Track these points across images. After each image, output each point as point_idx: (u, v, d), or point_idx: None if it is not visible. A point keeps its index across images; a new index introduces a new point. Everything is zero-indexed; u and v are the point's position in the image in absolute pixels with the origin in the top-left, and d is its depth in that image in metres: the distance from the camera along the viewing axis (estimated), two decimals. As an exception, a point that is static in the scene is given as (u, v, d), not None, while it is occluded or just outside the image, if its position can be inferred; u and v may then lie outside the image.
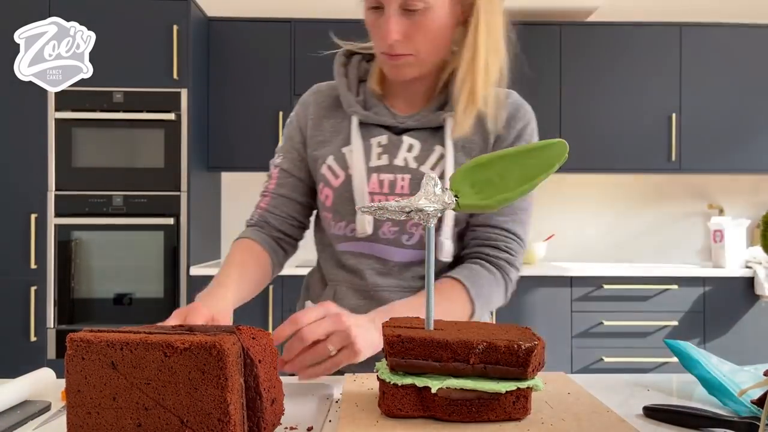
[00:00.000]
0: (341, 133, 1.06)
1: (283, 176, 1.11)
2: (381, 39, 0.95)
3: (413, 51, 0.96)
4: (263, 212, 1.12)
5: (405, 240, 1.02)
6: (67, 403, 0.62)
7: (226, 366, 0.58)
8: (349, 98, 1.05)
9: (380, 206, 0.75)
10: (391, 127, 1.04)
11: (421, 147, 1.02)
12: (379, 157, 1.03)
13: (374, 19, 0.96)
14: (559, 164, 0.76)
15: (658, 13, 3.58)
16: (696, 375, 0.83)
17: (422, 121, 1.03)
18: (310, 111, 1.10)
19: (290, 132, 1.13)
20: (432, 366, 0.68)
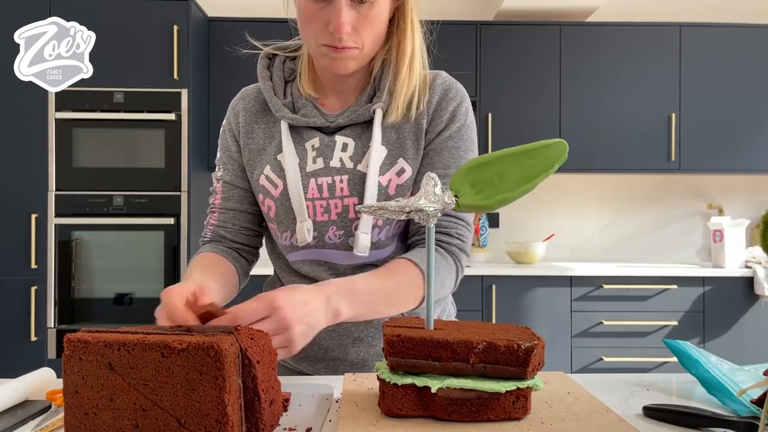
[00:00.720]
0: (274, 139, 1.02)
1: (227, 189, 1.07)
2: (325, 30, 0.91)
3: (359, 44, 0.93)
4: (215, 228, 1.08)
5: (352, 243, 0.99)
6: (65, 404, 0.62)
7: (224, 367, 0.57)
8: (275, 102, 1.02)
9: (380, 206, 0.75)
10: (322, 128, 1.02)
11: (355, 145, 1.00)
12: (314, 161, 1.00)
13: (315, 10, 0.91)
14: (559, 164, 0.76)
15: (658, 13, 3.58)
16: (695, 375, 0.83)
17: (352, 116, 1.00)
18: (240, 118, 1.07)
19: (225, 142, 1.08)
20: (432, 366, 0.68)
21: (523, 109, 3.25)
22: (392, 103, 0.99)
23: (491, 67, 3.26)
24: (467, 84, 3.25)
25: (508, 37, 3.27)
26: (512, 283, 3.05)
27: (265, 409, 0.63)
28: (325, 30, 0.92)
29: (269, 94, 1.03)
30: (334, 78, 1.02)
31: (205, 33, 3.20)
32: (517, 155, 0.76)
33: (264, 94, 1.05)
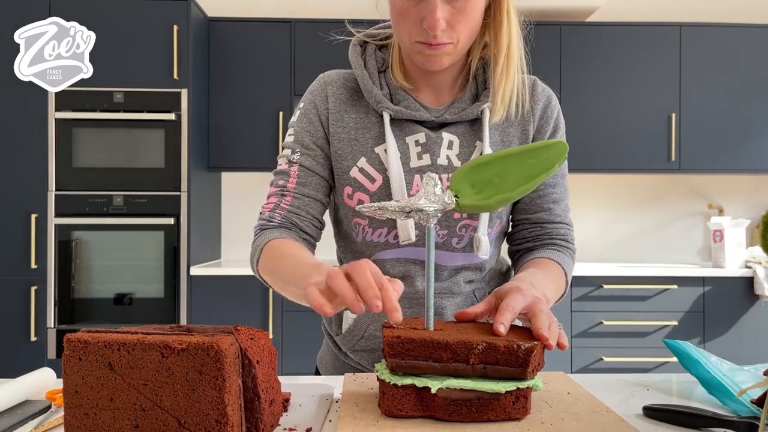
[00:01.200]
0: (370, 131, 0.98)
1: (305, 174, 1.00)
2: (419, 28, 0.88)
3: (454, 39, 0.90)
4: (287, 213, 0.99)
5: (455, 243, 0.98)
6: (65, 404, 0.62)
7: (224, 367, 0.57)
8: (375, 92, 0.97)
9: (380, 206, 0.75)
10: (426, 123, 0.98)
11: (461, 143, 0.97)
12: (419, 156, 0.96)
13: (409, 6, 0.88)
14: (559, 164, 0.76)
15: (658, 13, 3.58)
16: (695, 375, 0.83)
17: (461, 114, 0.97)
18: (329, 104, 1.00)
19: (308, 125, 1.01)
20: (432, 367, 0.68)
21: (523, 109, 3.25)
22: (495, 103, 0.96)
23: (491, 67, 3.25)
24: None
25: (508, 37, 3.26)
26: (512, 283, 3.05)
27: (265, 409, 0.63)
28: (419, 26, 0.89)
29: (367, 83, 0.98)
30: (428, 73, 0.98)
31: (205, 33, 3.20)
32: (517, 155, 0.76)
33: (360, 82, 0.99)
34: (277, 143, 3.22)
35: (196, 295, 2.96)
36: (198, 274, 2.96)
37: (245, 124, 3.23)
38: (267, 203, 1.01)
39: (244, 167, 3.29)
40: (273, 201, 1.01)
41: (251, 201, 3.57)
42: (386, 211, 0.74)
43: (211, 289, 2.98)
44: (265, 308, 2.99)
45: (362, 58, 1.01)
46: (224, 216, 3.57)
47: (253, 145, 3.23)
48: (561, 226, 1.04)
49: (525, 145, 0.78)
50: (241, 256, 3.55)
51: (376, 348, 1.01)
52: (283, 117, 3.21)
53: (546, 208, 1.03)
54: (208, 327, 0.66)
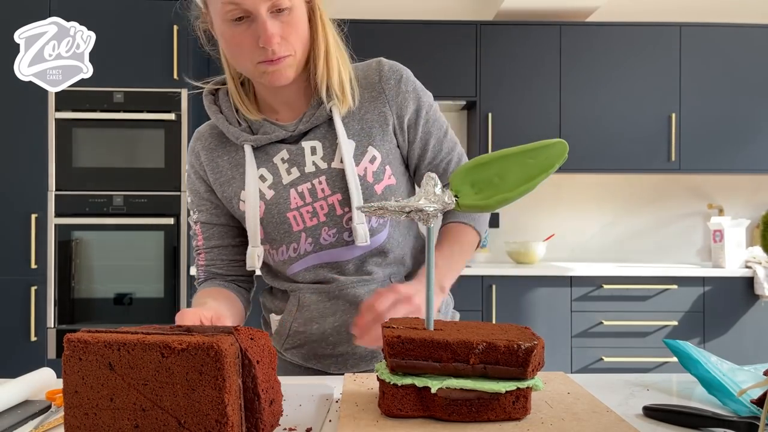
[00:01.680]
0: (241, 165, 1.04)
1: (206, 229, 1.10)
2: (256, 48, 0.93)
3: (291, 51, 0.95)
4: (206, 268, 1.10)
5: (347, 237, 1.03)
6: (65, 404, 0.62)
7: (224, 367, 0.57)
8: (233, 131, 1.04)
9: (380, 206, 0.75)
10: (286, 140, 1.04)
11: (323, 145, 1.02)
12: (288, 172, 1.02)
13: (239, 32, 0.93)
14: (559, 164, 0.76)
15: (658, 13, 3.58)
16: (695, 375, 0.83)
17: (312, 120, 1.02)
18: (202, 157, 1.08)
19: (192, 185, 1.10)
20: (432, 366, 0.68)
21: (523, 109, 3.25)
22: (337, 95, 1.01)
23: (491, 67, 3.26)
24: (467, 84, 3.26)
25: (508, 37, 3.27)
26: (512, 283, 3.05)
27: (265, 409, 0.63)
28: (256, 48, 0.93)
29: (225, 125, 1.05)
30: (278, 92, 1.03)
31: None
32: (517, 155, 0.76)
33: (219, 126, 1.06)
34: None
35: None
36: (198, 274, 2.96)
37: (245, 124, 3.23)
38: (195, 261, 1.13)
39: (244, 167, 3.29)
40: (196, 261, 1.13)
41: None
42: (386, 210, 0.75)
43: (211, 289, 2.98)
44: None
45: (216, 105, 1.08)
46: (224, 216, 3.57)
47: (253, 145, 3.23)
48: None
49: (525, 145, 0.78)
50: (241, 256, 3.55)
51: (303, 344, 1.08)
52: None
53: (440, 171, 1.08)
54: (208, 327, 0.66)
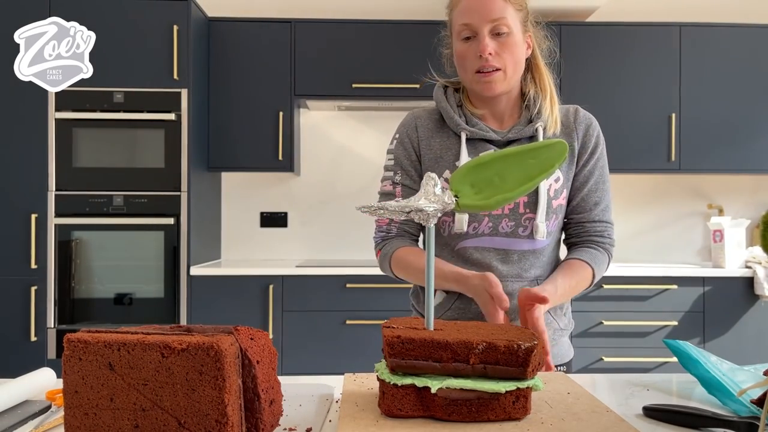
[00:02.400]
0: (451, 149, 1.25)
1: (407, 191, 1.28)
2: (475, 59, 1.19)
3: (501, 65, 1.19)
4: (400, 225, 1.30)
5: (521, 232, 1.23)
6: (65, 404, 0.61)
7: (224, 367, 0.57)
8: (456, 119, 1.25)
9: (380, 206, 0.75)
10: (495, 141, 1.25)
11: None
12: None
13: (466, 48, 1.20)
14: (559, 164, 0.76)
15: (658, 13, 3.58)
16: (695, 375, 0.83)
17: (520, 133, 1.25)
18: (419, 132, 1.29)
19: (403, 152, 1.30)
20: (432, 366, 0.68)
21: (523, 109, 3.25)
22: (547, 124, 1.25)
23: (491, 67, 3.25)
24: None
25: (508, 37, 3.27)
26: (512, 283, 3.05)
27: (265, 409, 0.63)
28: (476, 60, 1.19)
29: (450, 112, 1.27)
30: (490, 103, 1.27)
31: (205, 33, 3.20)
32: (517, 155, 0.76)
33: (443, 113, 1.28)
34: (277, 143, 3.22)
35: (196, 295, 2.96)
36: (198, 274, 2.96)
37: (245, 124, 3.23)
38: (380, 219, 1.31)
39: (244, 167, 3.29)
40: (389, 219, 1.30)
41: (251, 201, 3.57)
42: (386, 211, 0.75)
43: (211, 289, 2.98)
44: (265, 308, 2.99)
45: (445, 96, 1.30)
46: (224, 216, 3.57)
47: (253, 145, 3.23)
48: (599, 224, 1.28)
49: (525, 145, 0.78)
50: (241, 256, 3.55)
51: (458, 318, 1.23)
52: (282, 117, 3.21)
53: (587, 209, 1.28)
54: (208, 327, 0.66)
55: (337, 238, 3.58)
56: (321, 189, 3.58)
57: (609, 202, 1.31)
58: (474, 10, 1.18)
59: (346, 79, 3.19)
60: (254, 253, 3.56)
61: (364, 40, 3.19)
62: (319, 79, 3.22)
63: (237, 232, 3.56)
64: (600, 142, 1.32)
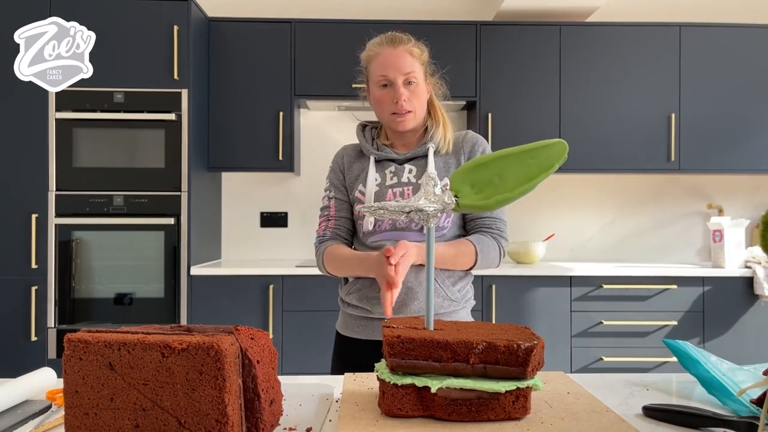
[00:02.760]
0: (365, 170, 1.55)
1: (338, 204, 1.55)
2: (391, 104, 1.46)
3: (412, 108, 1.47)
4: (334, 230, 1.54)
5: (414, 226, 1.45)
6: (65, 404, 0.61)
7: (224, 366, 0.57)
8: (367, 147, 1.55)
9: (381, 206, 0.75)
10: (395, 160, 1.54)
11: (417, 170, 1.51)
12: (391, 178, 1.51)
13: (383, 94, 1.47)
14: (559, 164, 0.76)
15: (657, 13, 3.58)
16: (695, 374, 0.83)
17: (415, 152, 1.52)
18: (344, 160, 1.59)
19: (335, 175, 1.59)
20: (432, 366, 0.68)
21: (523, 109, 3.25)
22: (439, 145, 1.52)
23: (491, 67, 3.26)
24: (467, 84, 3.26)
25: (508, 37, 3.27)
26: (512, 283, 3.05)
27: (265, 409, 0.63)
28: (392, 104, 1.47)
29: (364, 144, 1.56)
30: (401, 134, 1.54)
31: (205, 33, 3.20)
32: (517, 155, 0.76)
33: (361, 145, 1.58)
34: (277, 143, 3.22)
35: (196, 295, 2.97)
36: (198, 274, 2.96)
37: (245, 124, 3.23)
38: (319, 227, 1.57)
39: (244, 167, 3.29)
40: (323, 224, 1.57)
41: (251, 201, 3.57)
42: (386, 211, 0.75)
43: (211, 289, 2.98)
44: (265, 308, 3.00)
45: (363, 133, 1.60)
46: (224, 216, 3.57)
47: (253, 145, 3.23)
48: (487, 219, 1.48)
49: (525, 145, 0.78)
50: (241, 256, 3.55)
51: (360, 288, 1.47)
52: (282, 117, 3.21)
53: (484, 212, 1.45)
54: (208, 327, 0.66)
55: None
56: (321, 189, 3.57)
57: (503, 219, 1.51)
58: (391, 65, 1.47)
59: (346, 79, 3.19)
60: (254, 253, 3.56)
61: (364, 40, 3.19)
62: (319, 79, 3.22)
63: (237, 232, 3.56)
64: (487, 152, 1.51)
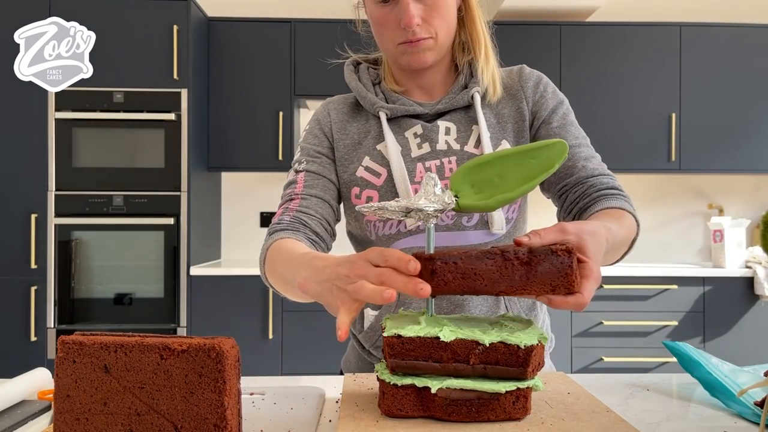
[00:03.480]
0: (370, 133, 1.05)
1: (311, 178, 1.03)
2: (398, 29, 0.96)
3: (432, 33, 0.97)
4: (296, 213, 0.99)
5: (465, 222, 0.99)
6: (55, 409, 0.60)
7: (225, 369, 0.57)
8: (370, 97, 1.05)
9: (380, 206, 0.75)
10: (422, 115, 1.04)
11: (457, 128, 1.03)
12: (419, 146, 1.02)
13: (384, 13, 0.97)
14: (559, 164, 0.75)
15: (658, 13, 3.58)
16: (697, 377, 0.82)
17: (451, 102, 1.03)
18: (332, 117, 1.08)
19: (311, 139, 1.07)
20: (432, 367, 0.68)
21: (523, 109, 3.25)
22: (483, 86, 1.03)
23: (491, 67, 3.25)
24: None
25: (508, 37, 3.27)
26: (512, 283, 3.05)
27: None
28: (398, 29, 0.96)
29: (363, 91, 1.06)
30: (417, 75, 1.05)
31: (205, 33, 3.20)
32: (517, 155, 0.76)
33: (355, 92, 1.08)
34: (277, 143, 3.22)
35: (196, 295, 2.96)
36: (198, 274, 2.96)
37: (245, 124, 3.23)
38: (277, 212, 1.03)
39: (244, 167, 3.29)
40: (282, 207, 1.03)
41: (251, 201, 3.56)
42: (386, 210, 0.74)
43: (211, 289, 2.97)
44: (265, 308, 2.99)
45: (356, 74, 1.10)
46: (224, 216, 3.57)
47: (253, 145, 3.23)
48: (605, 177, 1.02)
49: (525, 145, 0.78)
50: (241, 256, 3.55)
51: None
52: (282, 117, 3.21)
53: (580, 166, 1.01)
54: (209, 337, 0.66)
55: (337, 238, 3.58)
56: (321, 189, 3.58)
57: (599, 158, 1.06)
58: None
59: (346, 79, 3.19)
60: (254, 253, 3.56)
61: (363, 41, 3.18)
62: (319, 79, 3.22)
63: (237, 232, 3.56)
64: (559, 97, 1.07)
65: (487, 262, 0.66)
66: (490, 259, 0.66)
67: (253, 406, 0.75)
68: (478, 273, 0.66)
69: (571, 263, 0.65)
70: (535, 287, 0.65)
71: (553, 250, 0.65)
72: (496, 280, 0.65)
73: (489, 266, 0.65)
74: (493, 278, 0.65)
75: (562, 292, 0.65)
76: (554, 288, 0.65)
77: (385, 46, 1.02)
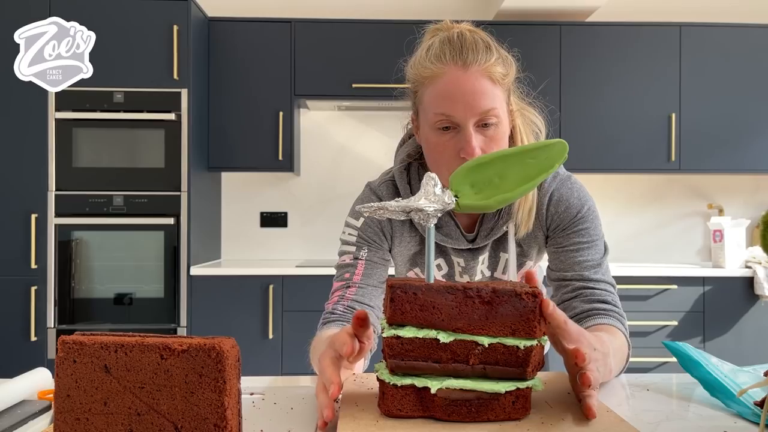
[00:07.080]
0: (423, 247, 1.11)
1: (370, 266, 1.09)
2: (456, 157, 0.96)
3: None
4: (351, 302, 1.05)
5: None
6: (55, 409, 0.60)
7: (225, 369, 0.57)
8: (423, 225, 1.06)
9: (380, 206, 0.75)
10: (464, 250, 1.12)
11: (489, 255, 1.13)
12: (461, 275, 1.13)
13: (444, 141, 0.97)
14: (559, 164, 0.75)
15: (658, 13, 3.58)
16: (697, 377, 0.82)
17: (490, 236, 1.09)
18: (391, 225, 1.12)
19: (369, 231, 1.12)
20: (432, 367, 0.68)
21: (523, 109, 3.25)
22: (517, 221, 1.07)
23: (491, 67, 3.25)
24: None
25: (508, 37, 3.26)
26: (512, 283, 3.05)
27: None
28: (457, 157, 0.96)
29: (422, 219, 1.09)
30: None
31: (205, 33, 3.20)
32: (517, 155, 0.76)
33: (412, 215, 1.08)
34: (277, 143, 3.22)
35: (196, 295, 2.96)
36: (198, 274, 2.96)
37: (245, 124, 3.23)
38: (330, 299, 1.08)
39: (244, 167, 3.29)
40: (337, 294, 1.07)
41: (251, 201, 3.56)
42: (386, 211, 0.74)
43: (211, 289, 2.97)
44: (265, 308, 2.99)
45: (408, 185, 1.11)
46: (224, 216, 3.57)
47: (253, 145, 3.23)
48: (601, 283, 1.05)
49: (525, 145, 0.78)
50: (241, 256, 3.55)
51: None
52: (282, 117, 3.21)
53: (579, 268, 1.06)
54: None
55: (337, 238, 3.57)
56: (321, 189, 3.58)
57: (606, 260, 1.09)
58: (457, 100, 0.94)
59: (346, 79, 3.19)
60: (254, 253, 3.56)
61: (364, 40, 3.19)
62: (319, 79, 3.22)
63: (237, 232, 3.56)
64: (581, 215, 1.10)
65: (447, 297, 0.66)
66: (450, 294, 0.66)
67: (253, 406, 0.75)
68: (436, 306, 0.66)
69: (534, 308, 0.65)
70: (494, 328, 0.66)
71: (517, 293, 0.65)
72: (455, 317, 0.66)
73: (449, 301, 0.66)
74: (452, 314, 0.66)
75: (522, 336, 0.65)
76: (514, 331, 0.65)
77: (437, 168, 1.01)
